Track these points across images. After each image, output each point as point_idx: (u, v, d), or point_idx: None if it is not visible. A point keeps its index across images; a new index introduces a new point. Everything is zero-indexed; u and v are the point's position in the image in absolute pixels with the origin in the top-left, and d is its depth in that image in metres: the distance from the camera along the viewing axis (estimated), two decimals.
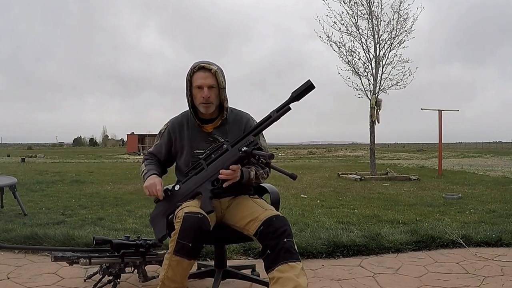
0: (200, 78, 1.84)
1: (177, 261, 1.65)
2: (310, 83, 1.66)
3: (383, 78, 9.70)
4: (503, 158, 22.10)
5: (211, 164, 1.78)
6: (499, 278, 2.33)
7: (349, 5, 9.73)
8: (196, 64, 1.86)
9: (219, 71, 1.85)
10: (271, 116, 1.72)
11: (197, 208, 1.71)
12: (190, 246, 1.63)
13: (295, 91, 1.67)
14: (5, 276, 2.33)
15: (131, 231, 3.21)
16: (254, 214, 1.76)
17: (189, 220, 1.64)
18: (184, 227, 1.64)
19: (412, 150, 49.12)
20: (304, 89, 1.66)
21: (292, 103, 1.69)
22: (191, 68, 1.86)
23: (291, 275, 1.58)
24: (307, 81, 1.66)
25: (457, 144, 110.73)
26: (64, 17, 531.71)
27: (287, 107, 1.69)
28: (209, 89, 1.84)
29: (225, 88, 1.90)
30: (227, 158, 1.75)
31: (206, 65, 1.84)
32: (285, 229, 1.68)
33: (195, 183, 1.79)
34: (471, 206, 4.94)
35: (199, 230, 1.65)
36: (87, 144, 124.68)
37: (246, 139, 1.73)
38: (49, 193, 6.10)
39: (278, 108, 1.72)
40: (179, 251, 1.64)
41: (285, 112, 1.70)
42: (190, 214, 1.66)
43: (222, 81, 1.86)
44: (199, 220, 1.65)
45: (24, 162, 16.63)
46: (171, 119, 2.02)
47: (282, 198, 5.71)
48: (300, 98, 1.68)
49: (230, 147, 1.76)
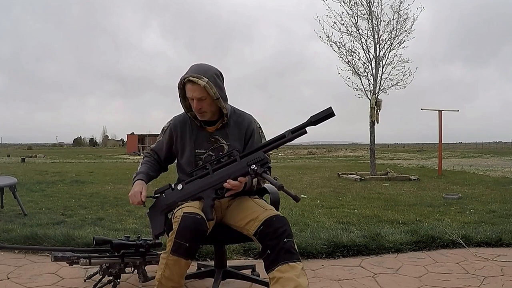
0: (189, 90, 1.78)
1: (174, 260, 1.65)
2: (331, 110, 1.62)
3: (383, 78, 9.72)
4: (503, 158, 22.10)
5: (217, 172, 1.75)
6: (499, 278, 2.33)
7: (349, 5, 9.76)
8: (185, 76, 1.77)
9: (209, 85, 1.74)
10: (285, 136, 1.68)
11: (196, 209, 1.71)
12: (187, 246, 1.63)
13: (314, 116, 1.63)
14: (5, 276, 2.33)
15: (131, 231, 3.21)
16: (254, 214, 1.76)
17: (187, 220, 1.64)
18: (182, 227, 1.64)
19: (412, 150, 49.12)
20: (323, 116, 1.63)
21: (309, 126, 1.66)
22: (181, 79, 1.79)
23: (291, 275, 1.58)
24: (328, 108, 1.63)
25: (457, 144, 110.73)
26: (65, 17, 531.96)
27: (303, 130, 1.66)
28: (199, 101, 1.79)
29: (222, 98, 1.80)
30: (234, 169, 1.71)
31: (194, 80, 1.74)
32: (285, 229, 1.67)
33: (199, 188, 1.77)
34: (471, 206, 4.94)
35: (196, 230, 1.65)
36: (87, 144, 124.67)
37: (256, 155, 1.68)
38: (49, 193, 6.10)
39: (293, 129, 1.67)
40: (177, 250, 1.64)
41: (299, 135, 1.67)
42: (189, 214, 1.66)
43: (214, 92, 1.76)
44: (197, 221, 1.65)
45: (24, 162, 16.64)
46: (174, 116, 2.00)
47: (282, 198, 5.69)
48: (317, 124, 1.65)
49: (239, 158, 1.72)
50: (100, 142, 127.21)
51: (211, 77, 1.77)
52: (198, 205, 1.74)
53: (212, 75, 1.78)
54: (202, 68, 1.80)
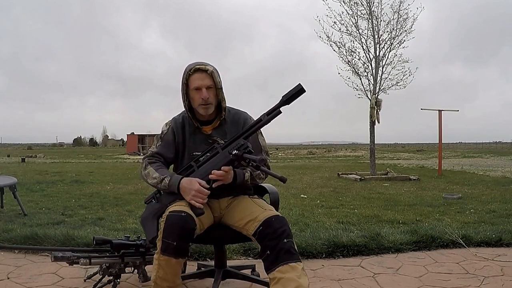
0: (198, 79, 1.82)
1: (165, 260, 1.66)
2: (300, 87, 1.64)
3: (383, 78, 9.72)
4: (503, 158, 22.10)
5: (201, 167, 1.77)
6: (499, 278, 2.33)
7: (349, 5, 9.76)
8: (191, 67, 1.83)
9: (215, 72, 1.84)
10: (262, 120, 1.72)
11: (183, 207, 1.70)
12: (174, 245, 1.63)
13: (285, 95, 1.65)
14: (5, 276, 2.33)
15: (131, 231, 3.20)
16: (253, 215, 1.75)
17: (172, 219, 1.65)
18: (167, 225, 1.65)
19: (412, 150, 49.13)
20: (294, 92, 1.64)
21: (283, 106, 1.68)
22: (186, 71, 1.84)
23: (292, 276, 1.57)
24: (298, 85, 1.65)
25: (457, 144, 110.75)
26: (65, 17, 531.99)
27: (277, 110, 1.68)
28: (207, 90, 1.82)
29: (222, 88, 1.88)
30: (217, 160, 1.74)
31: (202, 67, 1.82)
32: (284, 230, 1.66)
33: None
34: (471, 206, 4.94)
35: (181, 228, 1.64)
36: (87, 144, 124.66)
37: (237, 142, 1.71)
38: (49, 193, 6.10)
39: (268, 111, 1.70)
40: (165, 250, 1.65)
41: (275, 116, 1.69)
42: (174, 213, 1.67)
43: (219, 81, 1.85)
44: (182, 219, 1.65)
45: (24, 162, 16.65)
46: (173, 117, 2.00)
47: (282, 198, 5.71)
48: (290, 102, 1.66)
49: (220, 149, 1.75)
50: (100, 142, 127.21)
51: (214, 68, 1.85)
52: (185, 203, 1.73)
53: (214, 67, 1.86)
54: (203, 61, 1.87)
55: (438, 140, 10.84)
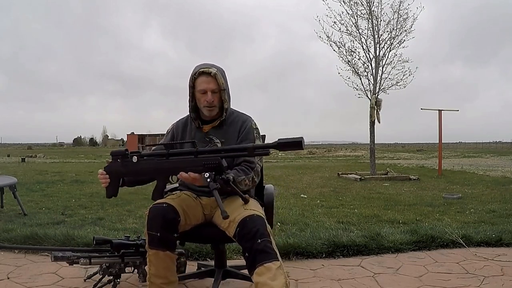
0: (203, 83, 1.88)
1: (153, 254, 1.70)
2: (300, 140, 1.54)
3: (383, 78, 9.70)
4: (503, 158, 22.09)
5: (172, 159, 1.71)
6: (499, 278, 2.33)
7: (349, 5, 9.74)
8: (196, 70, 1.89)
9: (218, 73, 1.87)
10: (247, 151, 1.63)
11: (166, 199, 1.77)
12: (158, 236, 1.67)
13: (282, 140, 1.57)
14: (5, 276, 2.33)
15: (131, 231, 3.21)
16: (233, 215, 1.70)
17: (153, 211, 1.71)
18: (149, 218, 1.72)
19: (412, 150, 49.12)
20: (291, 142, 1.55)
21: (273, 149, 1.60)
22: (192, 74, 1.90)
23: (265, 280, 1.52)
24: (299, 137, 1.56)
25: (457, 144, 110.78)
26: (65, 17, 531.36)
27: (266, 151, 1.63)
28: (212, 93, 1.88)
29: (226, 90, 1.91)
30: (188, 165, 1.66)
31: (206, 69, 1.87)
32: (258, 229, 1.61)
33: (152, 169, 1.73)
34: (471, 206, 4.94)
35: (163, 219, 1.69)
36: (87, 144, 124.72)
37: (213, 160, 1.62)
38: (49, 193, 6.10)
39: (258, 146, 1.65)
40: (151, 242, 1.70)
41: (261, 155, 1.66)
42: (155, 205, 1.73)
43: (222, 82, 1.88)
44: (163, 209, 1.71)
45: (24, 162, 16.64)
46: (179, 119, 2.08)
47: (282, 198, 5.71)
48: (284, 150, 1.57)
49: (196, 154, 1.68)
50: (100, 142, 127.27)
51: (219, 69, 1.90)
52: (172, 198, 1.79)
53: (219, 68, 1.91)
54: (208, 63, 1.91)
55: (438, 140, 10.83)
